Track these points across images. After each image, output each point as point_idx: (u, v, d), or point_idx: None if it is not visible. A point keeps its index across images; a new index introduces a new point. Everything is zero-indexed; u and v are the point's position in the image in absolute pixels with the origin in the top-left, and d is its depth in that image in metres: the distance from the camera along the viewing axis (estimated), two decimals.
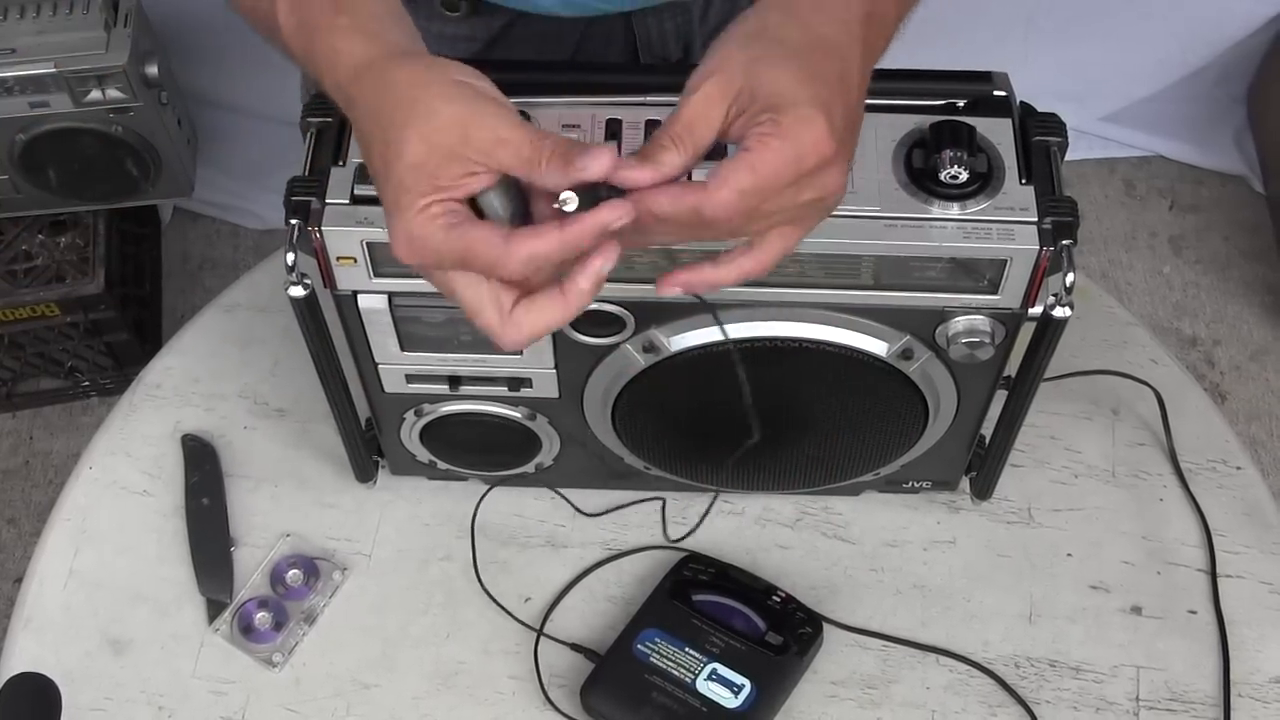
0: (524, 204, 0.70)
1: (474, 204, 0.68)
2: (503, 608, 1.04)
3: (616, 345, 0.87)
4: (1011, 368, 0.89)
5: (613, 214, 0.66)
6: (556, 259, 0.67)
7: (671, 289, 0.71)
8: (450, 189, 0.67)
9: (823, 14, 0.70)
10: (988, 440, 1.00)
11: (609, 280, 0.69)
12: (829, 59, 0.68)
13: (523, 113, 0.81)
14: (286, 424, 1.13)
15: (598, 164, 0.65)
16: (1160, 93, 2.22)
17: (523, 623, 1.03)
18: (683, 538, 1.07)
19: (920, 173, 0.79)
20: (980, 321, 0.84)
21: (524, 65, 0.97)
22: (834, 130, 0.65)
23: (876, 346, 0.86)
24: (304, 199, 0.79)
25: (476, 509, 1.07)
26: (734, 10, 1.04)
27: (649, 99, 0.82)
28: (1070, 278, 0.78)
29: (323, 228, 0.80)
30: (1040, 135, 0.82)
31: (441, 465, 1.05)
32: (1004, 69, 0.84)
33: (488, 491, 1.08)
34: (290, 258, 0.80)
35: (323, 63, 0.72)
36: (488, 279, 0.69)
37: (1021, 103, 0.83)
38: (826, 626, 1.01)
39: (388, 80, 0.69)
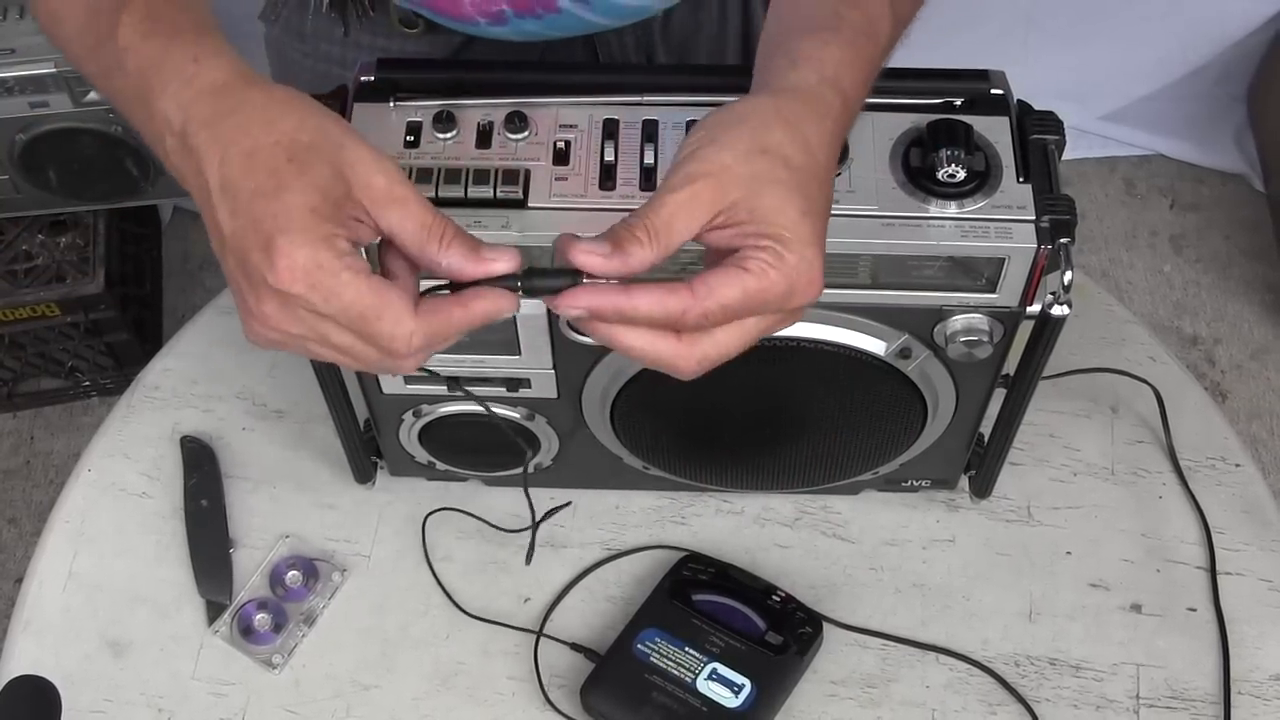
0: None
1: None
2: (499, 623, 1.04)
3: None
4: (1010, 366, 0.89)
5: (575, 302, 0.63)
6: (453, 339, 0.65)
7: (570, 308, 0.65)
8: (345, 231, 0.63)
9: (815, 122, 0.68)
10: (986, 439, 0.99)
11: None
12: (824, 187, 0.67)
13: (521, 114, 0.81)
14: (285, 425, 1.13)
15: (508, 262, 0.64)
16: (1160, 92, 2.22)
17: (520, 628, 1.03)
18: (682, 538, 1.07)
19: (918, 172, 0.79)
20: (978, 320, 0.84)
21: (515, 65, 0.97)
22: (823, 262, 0.66)
23: (874, 345, 0.86)
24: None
25: (423, 517, 1.07)
26: (695, 21, 1.05)
27: (646, 99, 0.82)
28: (1068, 276, 0.78)
29: None
30: (1038, 133, 0.81)
31: (440, 466, 1.05)
32: (1004, 68, 0.84)
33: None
34: None
35: (168, 69, 0.66)
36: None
37: (1019, 101, 0.83)
38: (826, 626, 1.01)
39: (278, 101, 0.65)
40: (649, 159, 0.80)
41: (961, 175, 0.78)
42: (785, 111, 0.67)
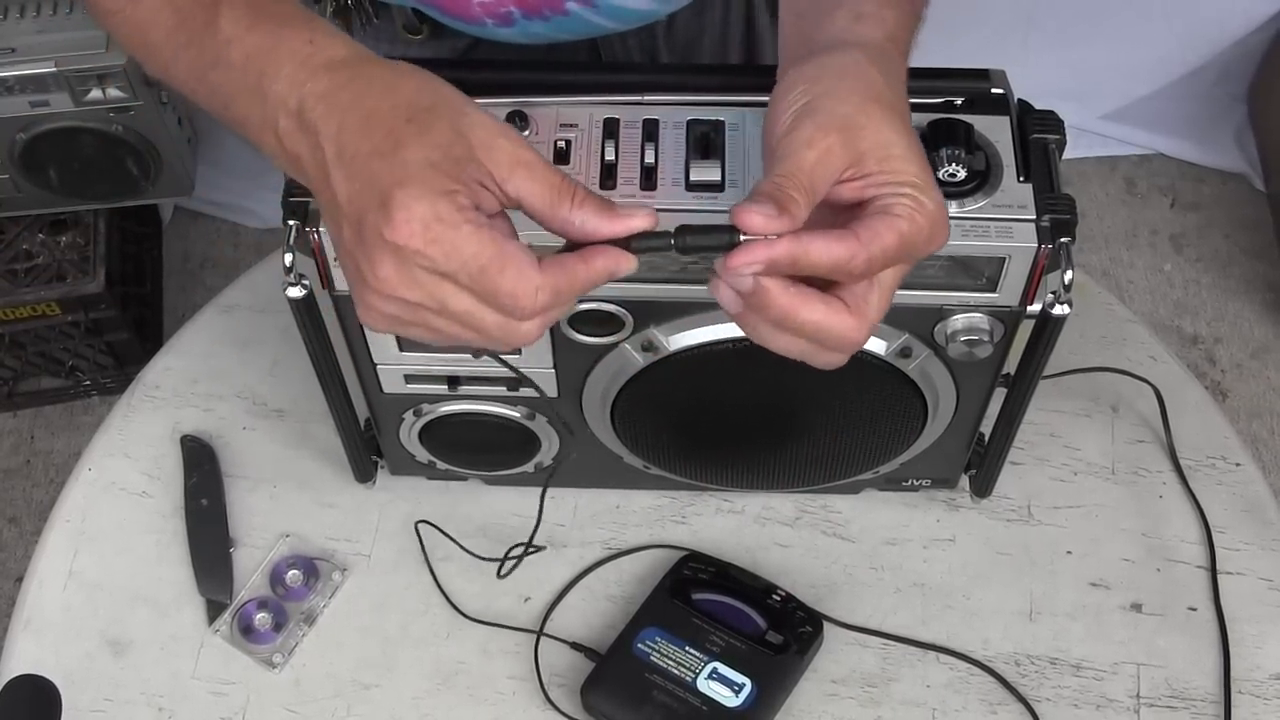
0: None
1: None
2: (499, 625, 1.04)
3: (615, 345, 0.87)
4: (1011, 365, 0.89)
5: (752, 257, 0.62)
6: (574, 298, 0.64)
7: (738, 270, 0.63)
8: (466, 190, 0.61)
9: (897, 75, 0.69)
10: (987, 438, 0.99)
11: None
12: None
13: (521, 113, 0.81)
14: (285, 424, 1.13)
15: (644, 218, 0.63)
16: (1161, 91, 2.22)
17: (521, 628, 1.03)
18: (682, 538, 1.07)
19: None
20: (979, 319, 0.84)
21: (516, 65, 0.97)
22: None
23: (875, 345, 0.86)
24: (302, 199, 0.79)
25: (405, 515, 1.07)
26: (699, 24, 1.05)
27: (646, 98, 0.82)
28: (1069, 275, 0.78)
29: (320, 228, 0.79)
30: (1038, 133, 0.81)
31: (441, 465, 1.05)
32: (1004, 68, 0.84)
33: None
34: (288, 258, 0.80)
35: (284, 50, 0.66)
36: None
37: (1019, 100, 0.83)
38: (826, 625, 1.01)
39: (400, 70, 0.65)
40: (649, 158, 0.80)
41: (962, 174, 0.78)
42: (878, 64, 0.68)
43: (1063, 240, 0.78)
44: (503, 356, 0.87)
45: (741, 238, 0.62)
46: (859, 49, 0.69)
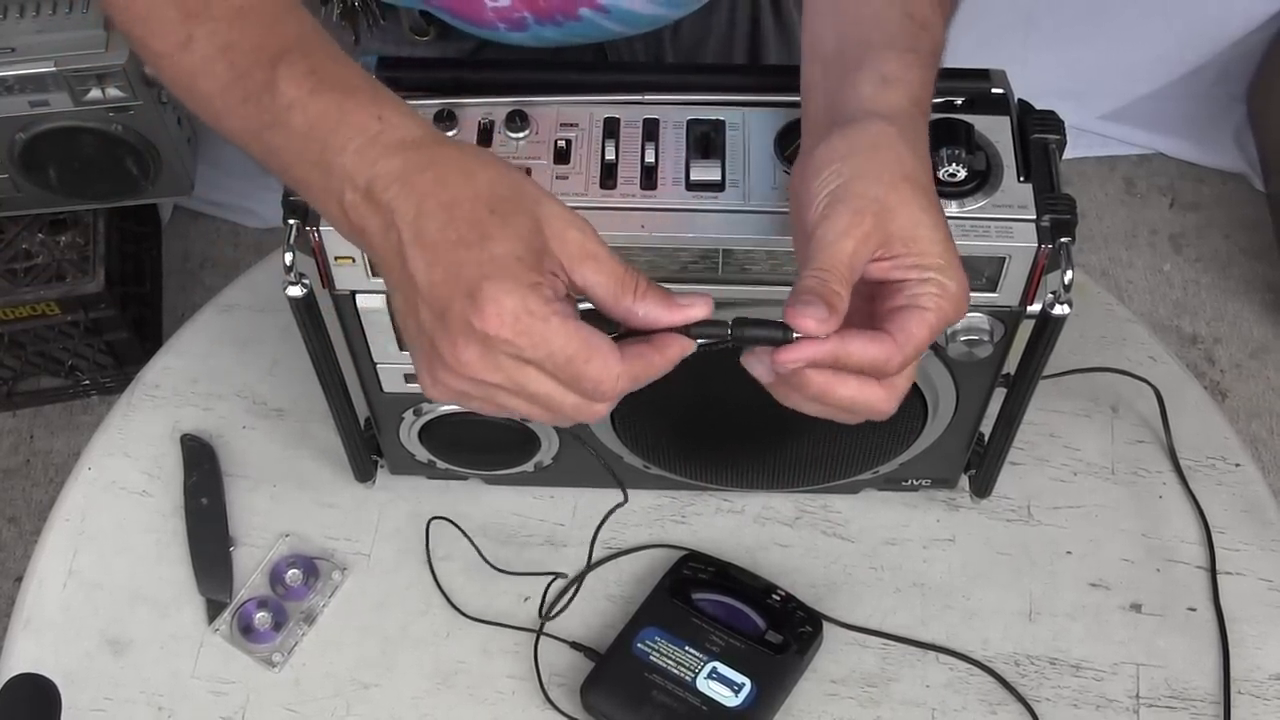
0: None
1: None
2: (499, 624, 1.04)
3: None
4: (1010, 365, 0.89)
5: (801, 355, 0.65)
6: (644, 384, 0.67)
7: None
8: (549, 282, 0.64)
9: (922, 145, 0.71)
10: (987, 438, 0.99)
11: None
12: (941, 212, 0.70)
13: (521, 113, 0.81)
14: (285, 424, 1.13)
15: (702, 307, 0.66)
16: (1160, 90, 2.22)
17: (521, 627, 1.03)
18: (682, 537, 1.07)
19: None
20: (979, 319, 0.84)
21: (517, 64, 0.97)
22: None
23: None
24: (302, 199, 0.79)
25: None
26: (705, 27, 1.05)
27: (647, 98, 0.82)
28: (1069, 275, 0.78)
29: (321, 228, 0.79)
30: (1038, 133, 0.81)
31: (441, 465, 1.05)
32: (1004, 68, 0.84)
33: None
34: (288, 258, 0.80)
35: (351, 125, 0.66)
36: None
37: (1019, 100, 0.83)
38: (826, 625, 1.01)
39: (471, 155, 0.66)
40: (649, 158, 0.80)
41: (962, 174, 0.78)
42: (906, 136, 0.69)
43: (1063, 240, 0.78)
44: (582, 438, 0.94)
45: (795, 336, 0.66)
46: (887, 121, 0.69)
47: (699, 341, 0.68)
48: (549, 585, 1.04)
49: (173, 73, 0.73)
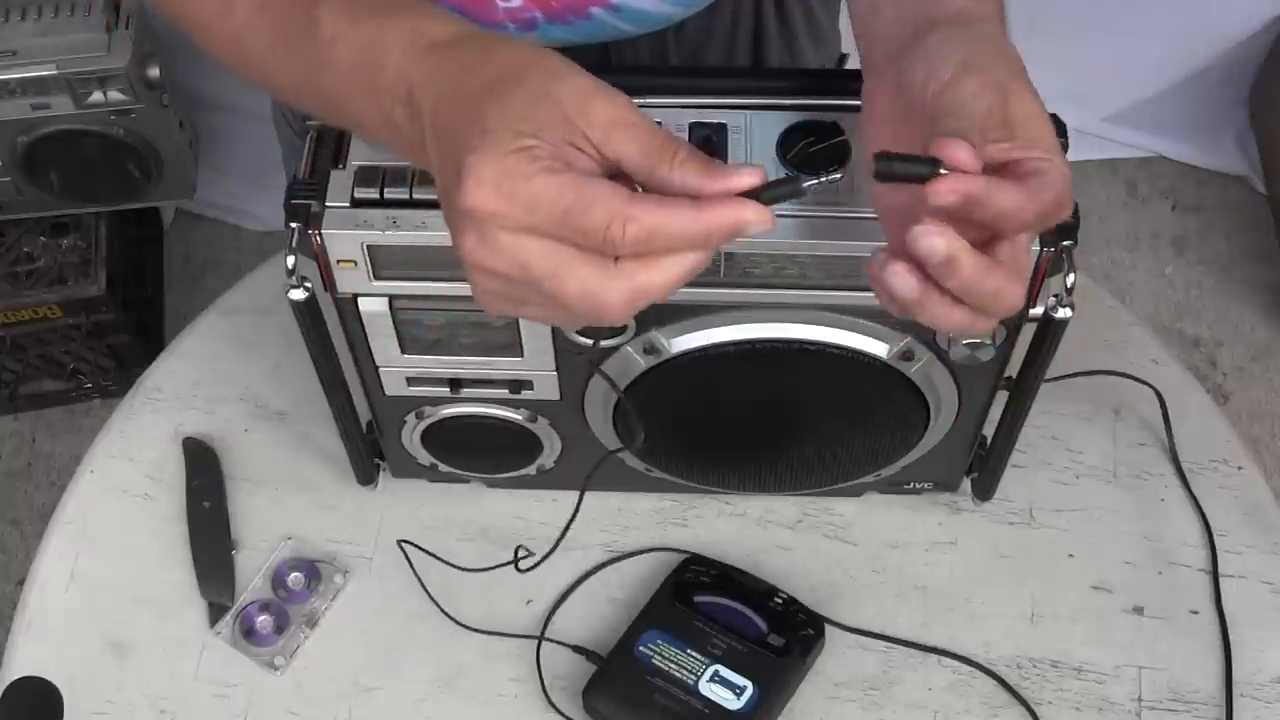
0: None
1: None
2: (500, 634, 1.04)
3: (617, 347, 0.87)
4: (1013, 369, 0.89)
5: (955, 186, 0.58)
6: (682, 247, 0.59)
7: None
8: (547, 146, 0.57)
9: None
10: (989, 441, 0.99)
11: None
12: None
13: None
14: (287, 427, 1.13)
15: (751, 175, 0.59)
16: (1162, 93, 2.22)
17: (522, 635, 1.03)
18: (684, 540, 1.07)
19: None
20: None
21: None
22: None
23: (877, 348, 0.86)
24: (304, 202, 0.79)
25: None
26: (708, 27, 1.05)
27: (647, 100, 0.82)
28: (1071, 278, 0.78)
29: (323, 231, 0.79)
30: None
31: (443, 468, 1.05)
32: None
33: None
34: (290, 261, 0.80)
35: (390, 40, 0.63)
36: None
37: None
38: (828, 628, 1.01)
39: (500, 42, 0.62)
40: None
41: None
42: (1005, 35, 0.69)
43: (1065, 244, 0.78)
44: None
45: (942, 170, 0.60)
46: (994, 24, 0.69)
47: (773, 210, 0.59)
48: (517, 549, 1.01)
49: (219, 40, 0.72)
